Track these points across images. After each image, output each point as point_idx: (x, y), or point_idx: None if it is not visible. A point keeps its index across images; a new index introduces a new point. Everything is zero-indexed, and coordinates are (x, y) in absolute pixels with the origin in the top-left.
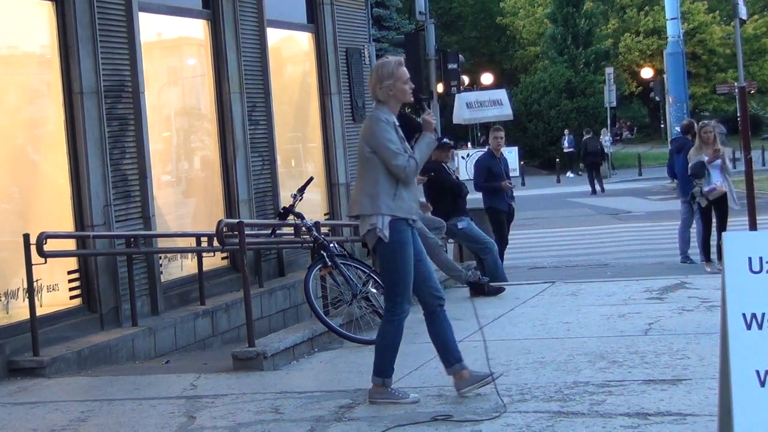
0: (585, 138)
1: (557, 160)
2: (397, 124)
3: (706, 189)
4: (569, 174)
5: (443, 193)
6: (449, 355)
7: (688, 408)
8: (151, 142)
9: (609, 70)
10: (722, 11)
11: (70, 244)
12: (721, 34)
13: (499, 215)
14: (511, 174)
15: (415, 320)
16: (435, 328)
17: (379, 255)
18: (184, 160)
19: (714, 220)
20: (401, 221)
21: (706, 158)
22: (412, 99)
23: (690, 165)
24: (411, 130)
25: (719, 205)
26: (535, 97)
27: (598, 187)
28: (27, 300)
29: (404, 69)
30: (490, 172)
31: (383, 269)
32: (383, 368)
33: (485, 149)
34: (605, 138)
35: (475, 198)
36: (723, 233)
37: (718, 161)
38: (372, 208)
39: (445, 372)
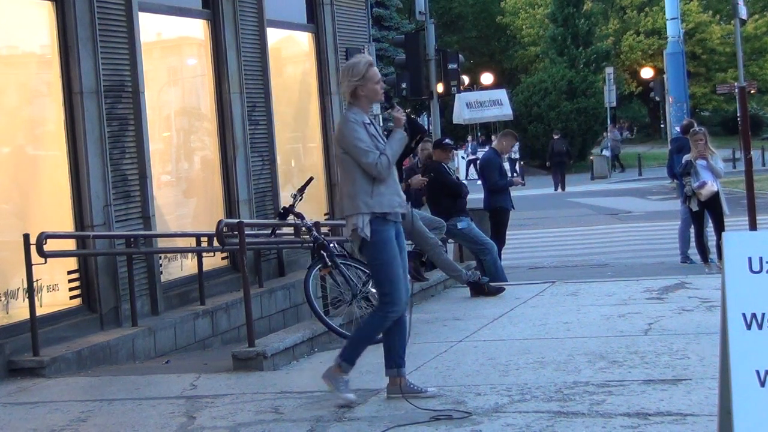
0: (553, 139)
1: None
2: (368, 122)
3: (695, 185)
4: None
5: (443, 193)
6: (390, 357)
7: (688, 408)
8: (151, 142)
9: (609, 70)
10: (722, 11)
11: (70, 244)
12: (720, 34)
13: (506, 215)
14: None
15: (415, 321)
16: (389, 328)
17: (365, 255)
18: (184, 160)
19: (710, 222)
20: (380, 220)
21: (692, 157)
22: (382, 99)
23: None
24: (413, 131)
25: (712, 207)
26: (535, 99)
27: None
28: (27, 300)
29: (375, 69)
30: (500, 171)
31: (371, 268)
32: (349, 354)
33: (486, 148)
34: (608, 139)
35: (475, 198)
36: (723, 233)
37: (704, 161)
38: (352, 207)
39: (384, 371)
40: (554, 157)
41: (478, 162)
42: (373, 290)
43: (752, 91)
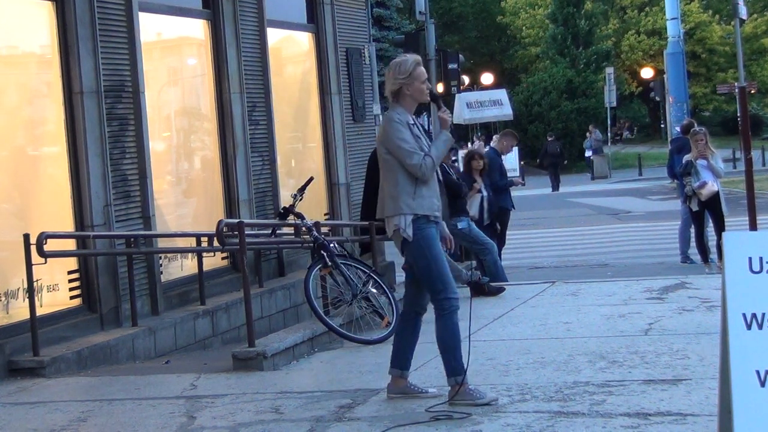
0: (547, 141)
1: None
2: (411, 122)
3: (695, 185)
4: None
5: (443, 193)
6: (396, 358)
7: (689, 408)
8: (151, 142)
9: (609, 70)
10: (722, 11)
11: (70, 244)
12: (721, 34)
13: (507, 215)
14: (509, 174)
15: None
16: (403, 330)
17: (408, 256)
18: (184, 160)
19: (710, 222)
20: (422, 219)
21: (692, 157)
22: (429, 99)
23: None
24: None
25: (712, 208)
26: (535, 99)
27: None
28: (27, 300)
29: (422, 69)
30: (501, 171)
31: (417, 270)
32: (453, 367)
33: (487, 148)
34: (590, 140)
35: None
36: (723, 233)
37: (705, 161)
38: (394, 208)
39: (388, 369)
40: (548, 158)
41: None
42: (373, 290)
43: (752, 91)
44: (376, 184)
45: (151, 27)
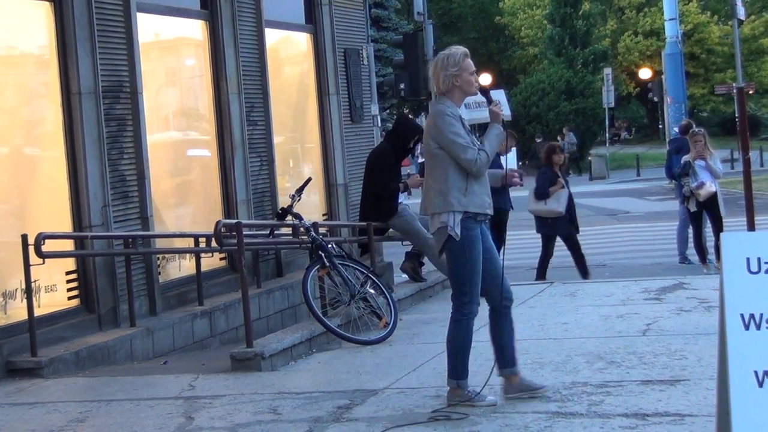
0: (536, 143)
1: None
2: (460, 116)
3: (693, 185)
4: None
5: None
6: (502, 357)
7: (687, 408)
8: (149, 143)
9: (607, 71)
10: (720, 12)
11: (68, 245)
12: (719, 34)
13: (506, 216)
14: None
15: (413, 321)
16: (496, 328)
17: (447, 253)
18: (182, 161)
19: (708, 222)
20: (471, 219)
21: (690, 158)
22: (477, 92)
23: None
24: (411, 131)
25: (711, 208)
26: (534, 100)
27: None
28: (25, 300)
29: (470, 60)
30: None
31: (450, 268)
32: (457, 370)
33: None
34: (564, 143)
35: None
36: (721, 234)
37: (703, 162)
38: (443, 205)
39: (497, 372)
40: (537, 160)
41: None
42: (371, 291)
43: (750, 92)
44: (374, 185)
45: (149, 27)
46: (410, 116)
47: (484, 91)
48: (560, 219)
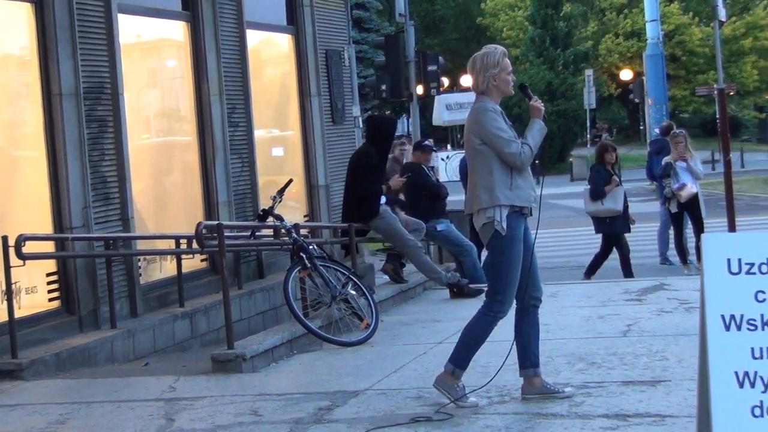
0: None
1: None
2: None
3: (675, 186)
4: None
5: (422, 194)
6: (526, 357)
7: (668, 409)
8: (130, 144)
9: (588, 72)
10: (701, 13)
11: (49, 246)
12: (700, 36)
13: None
14: None
15: (394, 322)
16: (522, 326)
17: (489, 248)
18: (164, 162)
19: (689, 223)
20: (517, 214)
21: (671, 159)
22: (513, 91)
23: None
24: (388, 125)
25: (692, 210)
26: (515, 100)
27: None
28: (5, 302)
29: (508, 60)
30: None
31: (489, 264)
32: (461, 358)
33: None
34: None
35: (455, 200)
36: (702, 235)
37: (684, 163)
38: (490, 200)
39: (518, 372)
40: None
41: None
42: (353, 292)
43: (731, 93)
44: (356, 187)
45: (130, 29)
46: (384, 114)
47: (523, 87)
48: (618, 217)
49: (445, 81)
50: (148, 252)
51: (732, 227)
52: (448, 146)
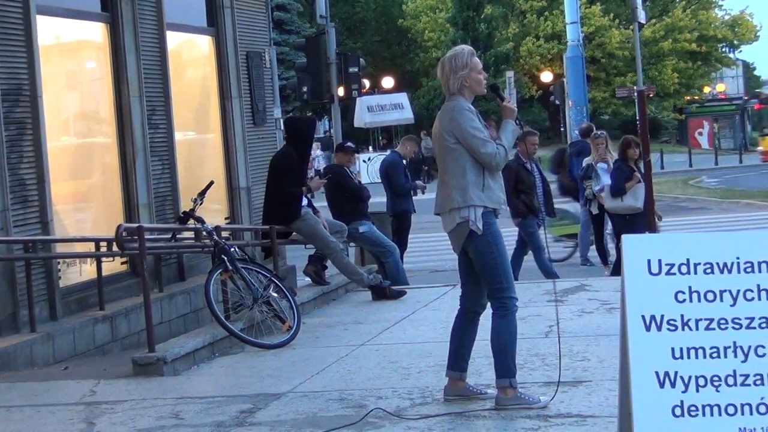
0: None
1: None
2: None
3: (596, 188)
4: None
5: (345, 196)
6: (457, 360)
7: (589, 409)
8: (49, 147)
9: (509, 74)
10: (621, 15)
11: None
12: (619, 38)
13: (409, 218)
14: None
15: (316, 325)
16: (460, 330)
17: (473, 251)
18: (83, 165)
19: (609, 225)
20: (490, 213)
21: (592, 161)
22: (485, 90)
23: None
24: (307, 126)
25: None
26: (436, 103)
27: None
28: None
29: (477, 59)
30: (405, 174)
31: (483, 266)
32: (509, 368)
33: (388, 152)
34: (421, 147)
35: (377, 202)
36: (623, 236)
37: (605, 165)
38: (463, 200)
39: (444, 372)
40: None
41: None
42: (274, 294)
43: (651, 95)
44: (277, 188)
45: (49, 30)
46: (303, 116)
47: (494, 87)
48: (638, 215)
49: (367, 83)
50: (68, 255)
51: (652, 228)
52: (370, 148)
